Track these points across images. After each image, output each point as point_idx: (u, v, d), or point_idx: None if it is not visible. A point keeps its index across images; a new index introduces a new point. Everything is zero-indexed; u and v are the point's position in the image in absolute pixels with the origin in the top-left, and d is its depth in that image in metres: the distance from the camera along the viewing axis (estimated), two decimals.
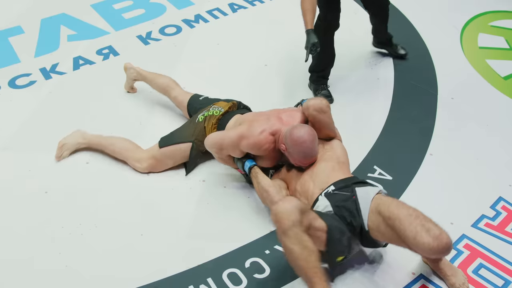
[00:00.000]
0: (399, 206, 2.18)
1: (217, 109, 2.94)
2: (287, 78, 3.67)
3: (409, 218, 2.11)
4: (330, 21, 3.33)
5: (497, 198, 2.78)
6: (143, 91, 3.57)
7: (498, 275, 2.40)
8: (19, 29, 4.27)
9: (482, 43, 4.05)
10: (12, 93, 3.59)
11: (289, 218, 2.06)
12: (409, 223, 2.10)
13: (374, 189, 2.34)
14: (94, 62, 3.88)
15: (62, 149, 3.04)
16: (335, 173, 2.47)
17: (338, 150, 2.63)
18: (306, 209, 2.16)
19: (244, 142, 2.62)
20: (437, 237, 2.03)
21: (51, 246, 2.55)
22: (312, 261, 2.08)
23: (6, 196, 2.82)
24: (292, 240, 2.07)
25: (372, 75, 3.73)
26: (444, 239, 2.04)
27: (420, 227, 2.07)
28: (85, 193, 2.83)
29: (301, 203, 2.17)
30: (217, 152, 2.76)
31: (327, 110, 2.58)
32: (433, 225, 2.08)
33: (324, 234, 2.19)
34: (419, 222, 2.09)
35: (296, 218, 2.06)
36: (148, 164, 2.92)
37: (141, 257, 2.51)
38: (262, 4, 4.59)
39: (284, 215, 2.07)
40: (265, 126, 2.63)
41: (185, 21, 4.36)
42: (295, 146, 2.50)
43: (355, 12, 4.45)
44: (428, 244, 2.03)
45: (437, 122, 3.30)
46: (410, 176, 2.91)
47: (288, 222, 2.06)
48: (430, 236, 2.04)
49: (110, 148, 3.03)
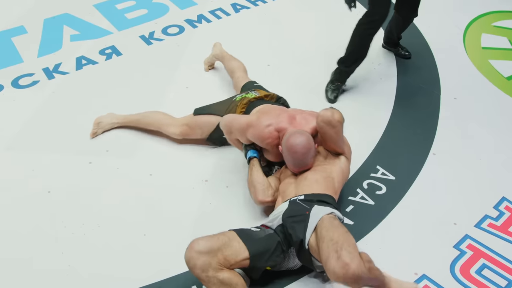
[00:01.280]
0: (332, 230, 2.14)
1: (254, 93, 2.99)
2: (289, 78, 3.67)
3: (329, 241, 2.07)
4: (374, 20, 3.27)
5: (500, 198, 2.78)
6: (144, 92, 3.57)
7: (501, 275, 2.39)
8: (22, 29, 4.28)
9: (485, 43, 4.04)
10: (15, 93, 3.59)
11: (196, 266, 2.12)
12: (327, 246, 2.07)
13: (328, 210, 2.28)
14: (97, 62, 3.89)
15: (97, 126, 3.19)
16: (314, 186, 2.45)
17: (336, 167, 2.57)
18: (218, 245, 2.16)
19: (250, 131, 2.65)
20: (345, 265, 1.96)
21: (54, 246, 2.55)
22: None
23: (9, 196, 2.82)
24: (208, 283, 2.15)
25: (375, 74, 3.73)
26: (351, 269, 1.95)
27: (333, 252, 2.02)
28: (88, 193, 2.84)
29: (211, 241, 2.16)
30: (226, 133, 2.81)
31: (337, 125, 2.48)
32: (347, 253, 1.99)
33: (247, 261, 2.22)
34: (335, 248, 2.03)
35: (202, 263, 2.11)
36: (181, 130, 3.05)
37: (144, 257, 2.51)
38: (265, 4, 4.59)
39: (190, 265, 2.14)
40: (273, 121, 2.64)
41: (187, 21, 4.36)
42: (287, 152, 2.53)
43: (358, 12, 4.44)
44: (333, 270, 1.98)
45: (440, 122, 3.29)
46: (413, 176, 2.91)
47: (196, 270, 2.13)
48: (338, 263, 1.98)
49: (143, 121, 3.17)
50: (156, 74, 3.74)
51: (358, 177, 2.90)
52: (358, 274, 1.95)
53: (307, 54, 3.94)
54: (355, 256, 1.99)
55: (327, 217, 2.23)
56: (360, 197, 2.79)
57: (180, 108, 3.41)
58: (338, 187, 2.55)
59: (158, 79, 3.67)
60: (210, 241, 2.17)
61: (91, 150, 3.10)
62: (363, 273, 1.96)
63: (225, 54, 3.60)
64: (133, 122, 3.22)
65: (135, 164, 3.01)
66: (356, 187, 2.84)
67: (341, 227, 2.18)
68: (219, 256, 2.15)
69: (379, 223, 2.65)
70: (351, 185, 2.83)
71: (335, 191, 2.51)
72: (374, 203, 2.76)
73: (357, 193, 2.81)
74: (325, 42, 4.06)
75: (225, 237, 2.22)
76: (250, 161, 2.70)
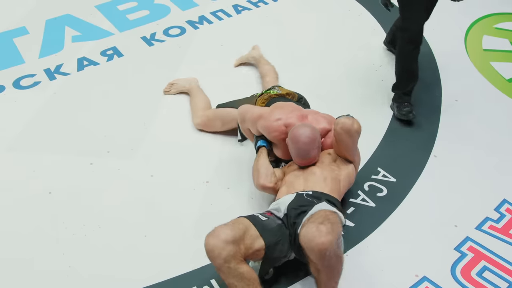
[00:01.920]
0: (326, 212, 2.15)
1: (276, 90, 3.04)
2: (291, 79, 3.67)
3: (317, 217, 2.11)
4: (412, 37, 3.13)
5: (501, 201, 2.77)
6: (146, 93, 3.57)
7: (502, 277, 2.39)
8: (24, 30, 4.28)
9: (486, 45, 4.04)
10: (17, 93, 3.59)
11: (220, 256, 2.05)
12: (313, 219, 2.10)
13: (332, 209, 2.26)
14: (98, 63, 3.89)
15: (171, 86, 3.51)
16: (323, 184, 2.46)
17: (344, 171, 2.57)
18: (240, 235, 2.12)
19: (260, 122, 2.72)
20: (320, 233, 1.99)
21: (55, 247, 2.55)
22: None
23: (10, 197, 2.82)
24: (227, 275, 2.09)
25: (376, 76, 3.73)
26: (323, 238, 1.97)
27: (316, 222, 2.05)
28: (89, 194, 2.84)
29: (236, 230, 2.11)
30: (240, 122, 2.90)
31: (355, 135, 2.48)
32: (329, 227, 2.01)
33: (263, 252, 2.21)
34: (320, 220, 2.06)
35: (227, 253, 2.05)
36: (201, 120, 3.19)
37: (145, 258, 2.51)
38: (266, 6, 4.59)
39: (215, 253, 2.07)
40: (283, 116, 2.69)
41: (189, 22, 4.37)
42: (292, 141, 2.56)
43: (359, 14, 4.44)
44: (306, 233, 2.01)
45: (441, 124, 3.29)
46: (414, 178, 2.91)
47: (219, 260, 2.06)
48: (315, 228, 2.01)
49: (192, 100, 3.38)
50: (157, 75, 3.74)
51: (359, 179, 2.89)
52: (325, 247, 1.97)
53: (308, 55, 3.94)
54: (333, 233, 2.00)
55: (328, 211, 2.22)
56: (361, 199, 2.79)
57: (181, 109, 3.42)
58: (342, 191, 2.56)
59: (160, 80, 3.67)
60: (235, 230, 2.11)
61: (92, 151, 3.10)
62: (330, 249, 1.97)
63: (261, 59, 3.69)
64: (192, 96, 3.42)
65: (136, 165, 3.02)
66: (357, 189, 2.84)
67: (337, 218, 2.17)
68: (241, 246, 2.11)
69: (380, 225, 2.65)
70: (352, 187, 2.82)
71: (339, 194, 2.52)
72: (375, 205, 2.76)
73: (358, 195, 2.81)
74: (326, 43, 4.07)
75: (243, 226, 2.18)
76: (258, 150, 2.74)
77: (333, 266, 2.06)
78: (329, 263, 2.03)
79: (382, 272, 2.42)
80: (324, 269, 2.08)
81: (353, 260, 2.46)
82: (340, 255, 2.08)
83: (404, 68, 3.24)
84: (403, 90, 3.28)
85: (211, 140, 3.18)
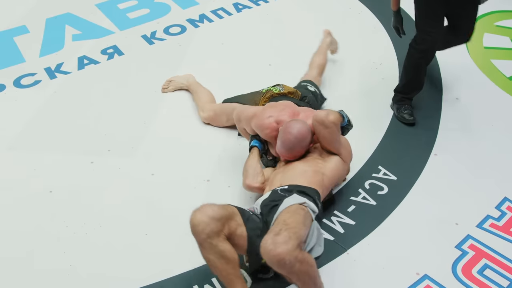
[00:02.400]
0: (289, 215, 2.14)
1: (279, 88, 3.06)
2: (291, 78, 3.66)
3: (280, 222, 2.09)
4: (426, 49, 3.10)
5: (502, 199, 2.77)
6: (146, 91, 3.57)
7: (503, 275, 2.39)
8: (24, 28, 4.28)
9: (487, 43, 4.04)
10: (17, 92, 3.59)
11: (204, 231, 2.08)
12: (276, 225, 2.10)
13: (301, 200, 2.27)
14: (98, 62, 3.89)
15: (169, 84, 3.55)
16: (300, 178, 2.45)
17: (330, 164, 2.55)
18: (227, 216, 2.15)
19: (254, 121, 2.74)
20: (276, 243, 1.94)
21: (56, 245, 2.55)
22: (228, 269, 2.13)
23: (11, 195, 2.83)
24: (208, 251, 2.11)
25: (377, 75, 3.72)
26: (279, 249, 1.93)
27: (276, 229, 2.02)
28: (90, 193, 2.84)
29: (223, 210, 2.14)
30: (236, 122, 2.91)
31: (330, 125, 2.48)
32: (286, 234, 1.97)
33: (245, 243, 2.21)
34: (280, 227, 2.03)
35: (211, 230, 2.08)
36: (207, 115, 3.24)
37: (146, 256, 2.51)
38: (267, 4, 4.59)
39: (199, 228, 2.08)
40: (275, 113, 2.71)
41: (189, 21, 4.36)
42: (282, 133, 2.58)
43: (360, 12, 4.44)
44: (265, 244, 1.97)
45: (442, 122, 3.29)
46: (415, 177, 2.91)
47: (202, 235, 2.08)
48: (271, 238, 1.97)
49: (196, 96, 3.40)
50: (157, 73, 3.73)
51: (360, 177, 2.90)
52: (282, 257, 1.93)
53: (308, 54, 3.93)
54: (291, 241, 1.96)
55: (296, 205, 2.22)
56: (362, 197, 2.79)
57: (181, 108, 3.42)
58: (327, 184, 2.52)
59: (160, 79, 3.67)
60: (222, 210, 2.14)
61: (92, 149, 3.10)
62: (288, 259, 1.93)
63: (321, 47, 3.67)
64: (193, 92, 3.46)
65: (136, 164, 3.02)
66: (358, 187, 2.84)
67: (301, 216, 2.15)
68: (226, 227, 2.14)
69: (380, 223, 2.65)
70: (353, 185, 2.83)
71: (322, 186, 2.48)
72: (376, 203, 2.76)
73: (359, 193, 2.81)
74: None
75: (231, 210, 2.22)
76: (251, 149, 2.76)
77: (299, 272, 2.01)
78: (292, 270, 1.99)
79: (383, 270, 2.42)
80: (292, 276, 2.04)
81: (354, 258, 2.46)
82: (304, 259, 2.01)
83: (411, 78, 3.23)
84: (406, 95, 3.29)
85: (211, 138, 3.18)
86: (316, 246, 2.24)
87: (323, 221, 2.64)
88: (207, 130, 3.25)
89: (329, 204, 2.70)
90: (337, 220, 2.66)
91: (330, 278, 2.37)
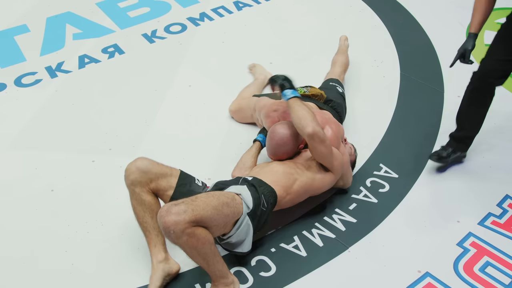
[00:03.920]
0: (206, 196, 2.16)
1: (304, 89, 3.06)
2: (292, 75, 3.66)
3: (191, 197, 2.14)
4: (485, 77, 2.66)
5: (503, 196, 2.77)
6: (147, 90, 3.57)
7: (504, 273, 2.39)
8: (25, 27, 4.28)
9: (488, 40, 4.02)
10: (18, 91, 3.60)
11: (128, 177, 2.33)
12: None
13: (238, 190, 2.31)
14: (99, 61, 3.89)
15: (253, 67, 3.64)
16: (268, 175, 2.45)
17: (309, 173, 2.49)
18: (158, 173, 2.34)
19: (262, 112, 2.84)
20: (168, 211, 1.99)
21: (57, 244, 2.56)
22: (145, 217, 2.33)
23: (12, 194, 2.83)
24: (131, 197, 2.34)
25: (378, 73, 3.72)
26: (168, 217, 1.98)
27: (175, 201, 2.05)
28: (91, 191, 2.84)
29: (154, 166, 2.34)
30: (254, 112, 3.01)
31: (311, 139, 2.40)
32: (182, 207, 2.00)
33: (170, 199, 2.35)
34: (184, 200, 2.07)
35: (134, 178, 2.30)
36: (234, 107, 3.29)
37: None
38: (267, 2, 4.58)
39: (126, 174, 2.34)
40: (280, 107, 2.75)
41: (190, 19, 4.36)
42: (268, 136, 2.61)
43: (361, 9, 4.44)
44: (161, 209, 2.04)
45: (443, 120, 3.28)
46: (416, 174, 2.90)
47: (127, 181, 2.33)
48: (167, 206, 2.02)
49: (244, 88, 3.43)
50: (158, 72, 3.74)
51: (361, 175, 2.90)
52: (168, 226, 1.98)
53: (309, 52, 3.93)
54: (183, 214, 1.99)
55: (229, 193, 2.26)
56: (363, 195, 2.79)
57: (183, 106, 3.42)
58: (300, 189, 2.47)
59: (161, 78, 3.67)
60: (153, 165, 2.35)
61: (94, 148, 3.11)
62: (173, 229, 1.98)
63: (342, 48, 3.68)
64: (249, 85, 3.48)
65: None
66: (359, 185, 2.84)
67: (218, 201, 2.14)
68: (154, 182, 2.33)
69: (382, 221, 2.65)
70: (354, 183, 2.82)
71: (288, 189, 2.44)
72: (377, 201, 2.76)
73: (360, 191, 2.81)
74: (328, 39, 4.06)
75: (169, 171, 2.40)
76: (254, 142, 2.80)
77: (185, 245, 2.05)
78: (179, 241, 2.03)
79: (384, 267, 2.42)
80: (180, 247, 2.08)
81: (356, 256, 2.46)
82: (195, 235, 2.03)
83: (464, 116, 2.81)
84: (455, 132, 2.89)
85: (212, 137, 3.19)
86: (246, 241, 2.30)
87: (324, 218, 2.65)
88: (208, 129, 3.25)
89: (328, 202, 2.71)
90: (338, 217, 2.66)
91: (331, 275, 2.38)
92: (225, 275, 2.22)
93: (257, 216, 2.31)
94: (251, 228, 2.29)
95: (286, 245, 2.52)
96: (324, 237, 2.56)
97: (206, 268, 2.18)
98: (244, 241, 2.30)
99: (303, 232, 2.59)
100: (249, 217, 2.28)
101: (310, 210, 2.69)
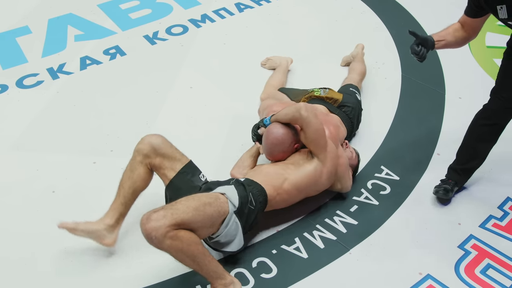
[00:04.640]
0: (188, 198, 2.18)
1: (321, 92, 3.10)
2: (293, 78, 3.67)
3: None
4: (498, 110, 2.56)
5: (505, 199, 2.77)
6: (148, 91, 3.58)
7: (506, 275, 2.38)
8: (27, 29, 4.29)
9: (489, 42, 4.03)
10: (20, 93, 3.60)
11: (138, 145, 2.45)
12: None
13: (224, 190, 2.33)
14: (101, 62, 3.89)
15: (267, 61, 3.73)
16: (259, 176, 2.49)
17: (299, 172, 2.49)
18: (165, 153, 2.44)
19: (266, 111, 2.89)
20: (148, 219, 2.02)
21: (58, 246, 2.55)
22: (125, 183, 2.45)
23: (14, 196, 2.83)
24: (131, 159, 2.47)
25: (379, 74, 3.72)
26: (148, 225, 2.00)
27: (153, 210, 2.06)
28: (92, 193, 2.84)
29: (164, 146, 2.45)
30: (259, 112, 3.08)
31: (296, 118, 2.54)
32: (162, 213, 2.02)
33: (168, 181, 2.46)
34: (165, 206, 2.10)
35: (140, 148, 2.43)
36: (264, 95, 3.35)
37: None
38: (269, 4, 4.59)
39: (139, 142, 2.47)
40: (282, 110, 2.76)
41: (191, 21, 4.37)
42: (263, 137, 2.64)
43: (362, 11, 4.44)
44: (142, 217, 2.04)
45: (445, 122, 3.28)
46: (418, 176, 2.90)
47: (136, 147, 2.46)
48: (148, 214, 2.03)
49: (271, 75, 3.56)
50: (160, 74, 3.74)
51: (362, 177, 2.89)
52: (149, 233, 2.01)
53: (311, 53, 3.94)
54: (163, 220, 2.01)
55: (213, 194, 2.28)
56: (364, 197, 2.79)
57: (184, 108, 3.42)
58: (288, 188, 2.47)
59: (162, 79, 3.67)
60: (165, 146, 2.45)
61: (95, 150, 3.11)
62: (154, 235, 2.00)
63: (359, 56, 3.67)
64: (274, 72, 3.60)
65: None
66: (361, 187, 2.84)
67: (198, 202, 2.15)
68: (158, 159, 2.43)
69: (383, 223, 2.65)
70: (356, 185, 2.82)
71: (279, 189, 2.45)
72: (378, 203, 2.75)
73: (361, 193, 2.81)
74: (329, 41, 4.06)
75: (179, 156, 2.48)
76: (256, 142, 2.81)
77: (170, 249, 2.05)
78: (162, 246, 2.04)
79: (385, 269, 2.42)
80: (166, 252, 2.09)
81: (357, 258, 2.46)
82: (178, 237, 2.04)
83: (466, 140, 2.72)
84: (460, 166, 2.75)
85: (213, 139, 3.19)
86: (236, 240, 2.31)
87: (325, 220, 2.65)
88: (209, 130, 3.25)
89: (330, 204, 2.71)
90: (340, 219, 2.66)
91: (333, 277, 2.38)
92: (222, 276, 2.22)
93: (245, 214, 2.32)
94: (240, 226, 2.30)
95: (287, 246, 2.52)
96: (325, 239, 2.56)
97: (200, 271, 2.18)
98: (233, 240, 2.31)
99: (304, 233, 2.59)
100: (236, 216, 2.28)
101: (311, 212, 2.69)
